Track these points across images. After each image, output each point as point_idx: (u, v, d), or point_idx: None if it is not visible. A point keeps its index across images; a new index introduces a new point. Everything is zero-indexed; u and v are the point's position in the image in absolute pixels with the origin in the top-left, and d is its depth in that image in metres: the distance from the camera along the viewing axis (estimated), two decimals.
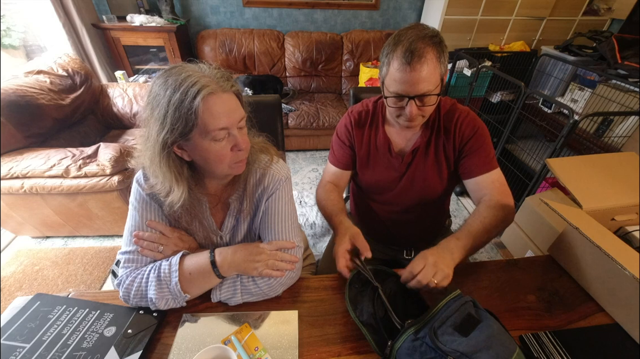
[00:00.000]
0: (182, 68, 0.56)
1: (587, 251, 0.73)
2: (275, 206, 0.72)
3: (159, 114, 0.54)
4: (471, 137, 0.82)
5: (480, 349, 0.46)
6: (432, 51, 0.68)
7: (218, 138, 0.57)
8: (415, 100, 0.72)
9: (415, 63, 0.67)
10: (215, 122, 0.56)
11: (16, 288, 1.54)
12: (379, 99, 0.93)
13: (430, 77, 0.70)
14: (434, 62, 0.69)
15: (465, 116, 0.84)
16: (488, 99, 2.38)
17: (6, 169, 1.43)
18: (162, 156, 0.58)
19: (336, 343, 0.62)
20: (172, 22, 2.49)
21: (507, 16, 2.71)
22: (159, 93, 0.54)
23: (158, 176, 0.61)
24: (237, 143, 0.60)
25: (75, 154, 1.48)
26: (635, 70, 1.87)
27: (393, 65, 0.71)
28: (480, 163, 0.83)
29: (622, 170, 1.07)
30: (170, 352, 0.60)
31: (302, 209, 2.09)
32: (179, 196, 0.61)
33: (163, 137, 0.55)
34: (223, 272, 0.66)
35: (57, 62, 1.90)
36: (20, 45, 2.18)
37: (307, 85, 2.96)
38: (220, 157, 0.60)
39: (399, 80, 0.71)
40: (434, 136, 0.86)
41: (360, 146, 0.92)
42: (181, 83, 0.53)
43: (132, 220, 0.68)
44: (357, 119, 0.92)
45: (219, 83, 0.56)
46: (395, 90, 0.73)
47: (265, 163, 0.72)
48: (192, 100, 0.53)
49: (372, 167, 0.93)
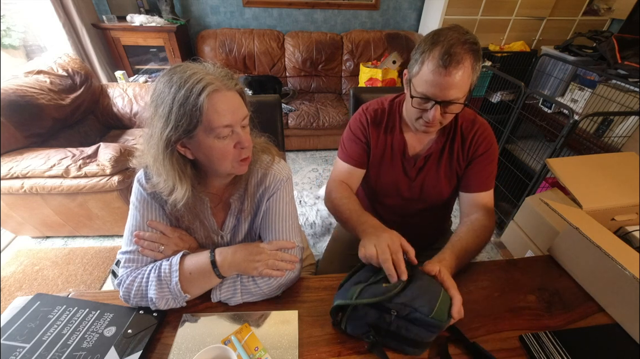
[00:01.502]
0: (187, 66, 0.57)
1: (587, 251, 0.73)
2: (276, 207, 0.72)
3: (164, 111, 0.55)
4: (484, 152, 0.82)
5: (415, 297, 0.56)
6: (469, 59, 0.66)
7: (222, 135, 0.58)
8: (440, 105, 0.70)
9: (452, 68, 0.65)
10: (220, 119, 0.56)
11: (16, 288, 1.54)
12: (395, 98, 0.90)
13: (462, 85, 0.67)
14: (469, 70, 0.67)
15: (485, 130, 0.83)
16: (488, 99, 2.38)
17: (6, 169, 1.43)
18: (166, 154, 0.58)
19: (336, 343, 0.62)
20: (172, 22, 2.49)
21: (507, 16, 2.71)
22: (164, 90, 0.55)
23: (161, 174, 0.61)
24: (241, 141, 0.60)
25: (75, 154, 1.48)
26: (635, 70, 1.86)
27: (427, 66, 0.68)
28: (482, 181, 0.83)
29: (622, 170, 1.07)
30: (170, 352, 0.60)
31: (302, 209, 2.09)
32: (182, 195, 0.62)
33: (167, 135, 0.56)
34: (223, 272, 0.66)
35: (57, 62, 1.90)
36: (20, 45, 2.18)
37: (307, 85, 2.96)
38: (224, 155, 0.60)
39: (430, 82, 0.68)
40: (449, 143, 0.85)
41: (376, 145, 0.89)
42: (186, 80, 0.54)
43: (133, 219, 0.68)
44: (373, 117, 0.88)
45: (224, 81, 0.57)
46: (424, 92, 0.70)
47: (267, 163, 0.72)
48: (197, 97, 0.53)
49: (385, 168, 0.90)
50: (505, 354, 0.61)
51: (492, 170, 0.84)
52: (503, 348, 0.62)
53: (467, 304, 0.69)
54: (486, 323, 0.66)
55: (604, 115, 1.70)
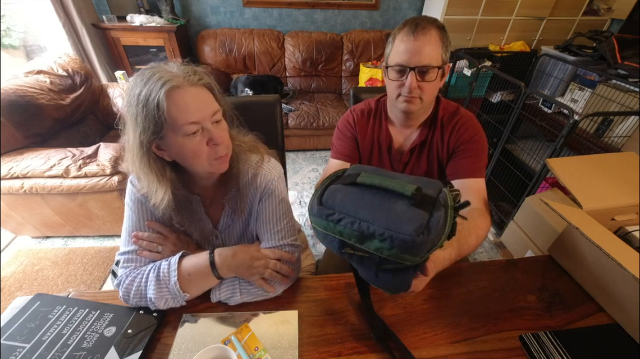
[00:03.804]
0: (152, 68, 0.56)
1: (587, 251, 0.73)
2: (270, 207, 0.72)
3: (132, 115, 0.55)
4: (468, 141, 0.82)
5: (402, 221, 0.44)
6: (435, 31, 0.71)
7: (190, 132, 0.56)
8: (415, 72, 0.73)
9: (419, 34, 0.70)
10: (184, 116, 0.55)
11: (16, 288, 1.54)
12: (381, 98, 0.93)
13: (432, 52, 0.71)
14: (437, 40, 0.72)
15: (467, 120, 0.84)
16: (488, 99, 2.38)
17: (6, 169, 1.43)
18: (142, 157, 0.58)
19: (336, 343, 0.62)
20: (172, 22, 2.49)
21: (507, 16, 2.71)
22: (130, 94, 0.55)
23: (141, 177, 0.61)
24: (212, 138, 0.58)
25: (75, 154, 1.48)
26: (635, 70, 1.86)
27: (397, 38, 0.74)
28: (470, 167, 0.82)
29: (622, 170, 1.07)
30: (170, 352, 0.60)
31: (302, 209, 2.09)
32: (161, 198, 0.61)
33: (139, 137, 0.55)
34: (222, 273, 0.66)
35: (57, 62, 1.90)
36: (20, 45, 2.18)
37: (307, 85, 2.96)
38: (197, 153, 0.58)
39: (402, 50, 0.73)
40: (431, 135, 0.86)
41: (363, 140, 0.92)
42: (147, 82, 0.54)
43: (129, 220, 0.68)
44: (360, 116, 0.92)
45: (187, 77, 0.56)
46: (398, 62, 0.74)
47: (257, 162, 0.71)
48: (156, 96, 0.52)
49: (374, 164, 0.92)
50: (505, 354, 0.61)
51: (480, 159, 0.83)
52: (503, 348, 0.62)
53: (467, 304, 0.70)
54: (486, 323, 0.66)
55: (604, 115, 1.70)
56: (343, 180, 0.50)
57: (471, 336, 0.63)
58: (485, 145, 0.84)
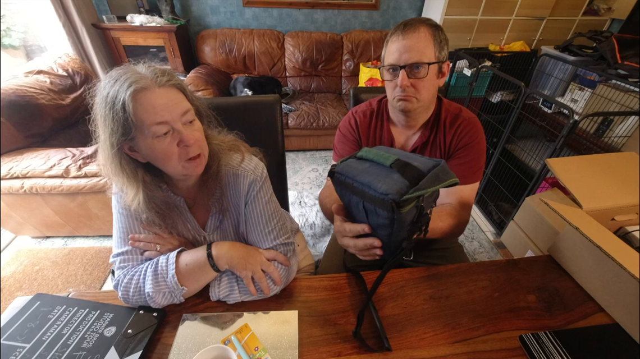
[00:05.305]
0: (120, 69, 0.56)
1: (587, 251, 0.73)
2: (257, 210, 0.72)
3: (101, 116, 0.55)
4: (467, 144, 0.83)
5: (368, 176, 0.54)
6: (425, 28, 0.72)
7: (159, 134, 0.56)
8: (406, 70, 0.73)
9: (408, 32, 0.72)
10: (151, 117, 0.54)
11: (16, 288, 1.54)
12: (382, 98, 0.93)
13: (422, 49, 0.72)
14: (427, 37, 0.72)
15: (469, 123, 0.84)
16: (488, 99, 2.38)
17: (6, 169, 1.43)
18: (114, 157, 0.57)
19: (336, 343, 0.62)
20: (172, 22, 2.49)
21: (507, 16, 2.71)
22: (99, 95, 0.55)
23: (111, 177, 0.61)
24: (183, 139, 0.57)
25: (75, 154, 1.48)
26: (635, 70, 1.87)
27: (389, 40, 0.76)
28: (462, 173, 0.82)
29: (622, 170, 1.07)
30: (170, 352, 0.60)
31: (302, 209, 2.09)
32: (131, 199, 0.61)
33: (109, 139, 0.55)
34: (219, 265, 0.66)
35: (57, 62, 1.90)
36: (20, 45, 2.17)
37: (307, 85, 2.96)
38: (167, 155, 0.58)
39: (393, 50, 0.74)
40: (433, 136, 0.86)
41: (366, 141, 0.92)
42: (114, 83, 0.54)
43: (119, 222, 0.68)
44: (362, 118, 0.92)
45: (155, 79, 0.55)
46: (389, 62, 0.75)
47: (238, 162, 0.71)
48: (122, 98, 0.52)
49: None
50: (505, 354, 0.61)
51: (476, 163, 0.83)
52: (503, 348, 0.62)
53: (467, 304, 0.70)
54: (486, 323, 0.66)
55: (604, 115, 1.70)
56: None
57: (471, 336, 0.63)
58: (484, 148, 0.85)
